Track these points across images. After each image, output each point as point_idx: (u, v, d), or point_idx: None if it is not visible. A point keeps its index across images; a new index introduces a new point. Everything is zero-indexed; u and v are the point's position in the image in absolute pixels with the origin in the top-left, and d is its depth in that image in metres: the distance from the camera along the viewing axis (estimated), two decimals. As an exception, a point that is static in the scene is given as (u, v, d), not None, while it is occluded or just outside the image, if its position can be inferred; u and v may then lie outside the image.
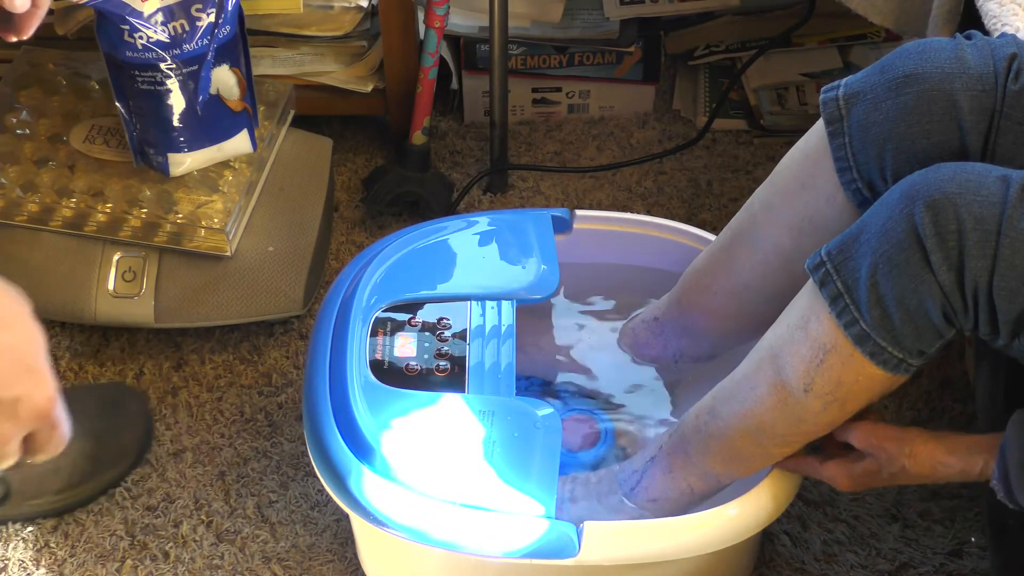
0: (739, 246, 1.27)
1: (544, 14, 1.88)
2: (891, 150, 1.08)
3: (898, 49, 1.11)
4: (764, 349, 1.11)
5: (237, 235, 1.55)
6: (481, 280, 1.32)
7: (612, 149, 1.92)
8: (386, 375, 1.22)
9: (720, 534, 1.17)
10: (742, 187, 1.84)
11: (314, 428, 1.19)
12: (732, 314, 1.29)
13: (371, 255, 1.35)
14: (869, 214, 1.01)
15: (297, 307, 1.59)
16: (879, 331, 1.00)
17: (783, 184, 1.21)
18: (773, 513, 1.19)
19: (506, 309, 1.29)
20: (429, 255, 1.35)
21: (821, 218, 1.16)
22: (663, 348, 1.38)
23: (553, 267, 1.34)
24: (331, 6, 1.73)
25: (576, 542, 1.13)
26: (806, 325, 1.05)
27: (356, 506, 1.16)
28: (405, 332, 1.26)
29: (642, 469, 1.24)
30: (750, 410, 1.12)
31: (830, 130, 1.12)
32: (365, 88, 1.80)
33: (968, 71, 1.05)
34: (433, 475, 1.15)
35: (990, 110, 1.05)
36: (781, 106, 1.94)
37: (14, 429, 0.82)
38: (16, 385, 0.81)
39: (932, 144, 1.06)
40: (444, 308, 1.29)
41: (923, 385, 1.55)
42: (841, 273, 1.01)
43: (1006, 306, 0.94)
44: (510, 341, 1.26)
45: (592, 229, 1.44)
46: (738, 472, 1.20)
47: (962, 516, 1.43)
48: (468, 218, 1.39)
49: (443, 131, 1.93)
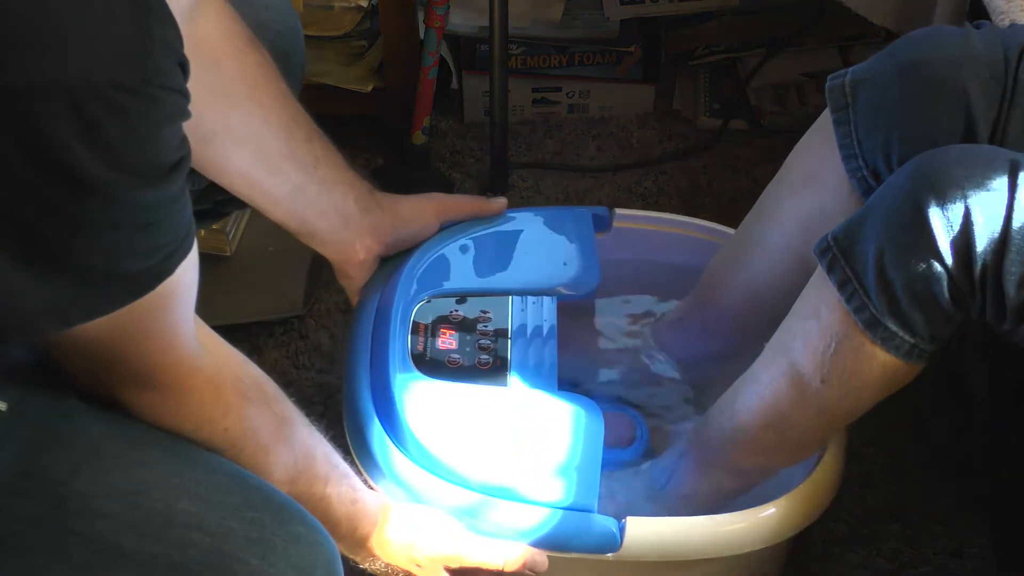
0: (752, 244, 1.26)
1: (544, 14, 1.88)
2: (897, 137, 1.06)
3: (905, 36, 1.09)
4: (778, 341, 1.11)
5: (237, 235, 1.55)
6: (522, 275, 1.32)
7: (612, 149, 1.92)
8: (428, 367, 1.22)
9: (763, 532, 1.16)
10: (742, 187, 1.84)
11: (355, 419, 1.19)
12: (750, 312, 1.28)
13: (411, 249, 1.35)
14: (875, 197, 1.00)
15: (297, 307, 1.59)
16: (889, 316, 0.98)
17: (790, 179, 1.21)
18: (815, 511, 1.18)
19: (547, 305, 1.29)
20: (470, 249, 1.35)
21: (828, 210, 1.14)
22: (688, 348, 1.38)
23: (594, 264, 1.34)
24: (331, 6, 1.73)
25: (618, 537, 1.13)
26: (816, 313, 1.04)
27: (396, 495, 1.16)
28: (447, 325, 1.27)
29: (671, 466, 1.24)
30: (769, 403, 1.11)
31: (836, 117, 1.11)
32: (365, 88, 1.80)
33: (977, 58, 1.04)
34: (475, 467, 1.15)
35: (999, 98, 1.03)
36: (781, 106, 1.94)
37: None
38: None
39: (939, 131, 1.04)
40: (486, 302, 1.29)
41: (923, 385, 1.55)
42: (848, 258, 1.00)
43: (1014, 291, 0.93)
44: (551, 337, 1.27)
45: (631, 228, 1.44)
46: (765, 464, 1.19)
47: (962, 516, 1.43)
48: (508, 214, 1.40)
49: (443, 131, 1.93)
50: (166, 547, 0.80)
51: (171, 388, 0.85)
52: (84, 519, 0.79)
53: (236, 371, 0.93)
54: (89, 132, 0.64)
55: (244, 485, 0.87)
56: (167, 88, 0.68)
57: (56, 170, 0.65)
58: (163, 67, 0.67)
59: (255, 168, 1.12)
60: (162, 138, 0.69)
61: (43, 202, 0.66)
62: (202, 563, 0.81)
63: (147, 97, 0.66)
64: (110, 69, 0.65)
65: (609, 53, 1.91)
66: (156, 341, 0.82)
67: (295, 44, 1.19)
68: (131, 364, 0.83)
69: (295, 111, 1.13)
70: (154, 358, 0.83)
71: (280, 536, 0.84)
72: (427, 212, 1.29)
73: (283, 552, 0.84)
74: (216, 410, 0.89)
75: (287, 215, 1.18)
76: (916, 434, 1.50)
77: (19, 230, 0.66)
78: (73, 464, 0.81)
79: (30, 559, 0.78)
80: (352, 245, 1.23)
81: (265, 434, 0.94)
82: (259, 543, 0.83)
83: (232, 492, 0.85)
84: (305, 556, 0.85)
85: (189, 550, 0.81)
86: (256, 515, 0.84)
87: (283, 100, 1.12)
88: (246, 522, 0.83)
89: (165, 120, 0.69)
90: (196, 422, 0.88)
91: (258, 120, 1.10)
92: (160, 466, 0.84)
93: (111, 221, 0.69)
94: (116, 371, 0.83)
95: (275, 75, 1.10)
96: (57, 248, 0.68)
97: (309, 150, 1.15)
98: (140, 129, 0.67)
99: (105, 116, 0.65)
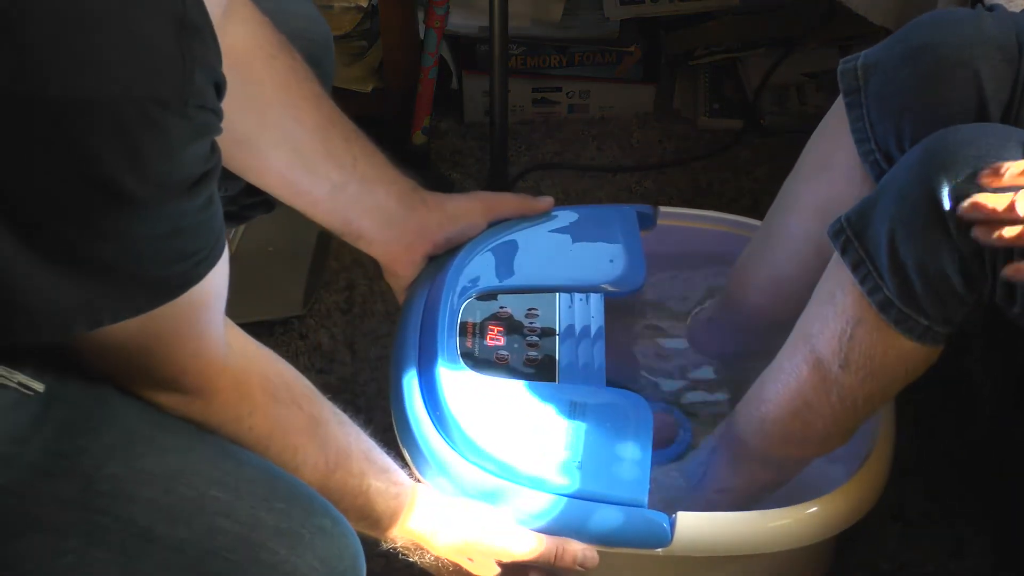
0: (773, 237, 1.26)
1: (544, 14, 1.88)
2: (909, 119, 1.06)
3: (917, 18, 1.09)
4: (799, 329, 1.10)
5: (237, 235, 1.55)
6: (569, 273, 1.33)
7: (612, 149, 1.92)
8: (476, 363, 1.22)
9: (812, 528, 1.17)
10: (742, 187, 1.84)
11: (403, 414, 1.19)
12: (777, 307, 1.28)
13: (457, 247, 1.35)
14: (887, 178, 0.99)
15: (297, 307, 1.59)
16: (902, 298, 0.98)
17: (806, 169, 1.21)
18: (864, 507, 1.18)
19: (594, 302, 1.30)
20: (516, 246, 1.35)
21: (843, 196, 1.13)
22: (722, 345, 1.39)
23: (639, 262, 1.34)
24: (331, 6, 1.73)
25: (669, 532, 1.13)
26: (833, 298, 1.04)
27: (447, 491, 1.16)
28: (495, 323, 1.27)
29: (705, 460, 1.24)
30: (794, 390, 1.11)
31: (848, 100, 1.11)
32: (365, 88, 1.80)
33: (989, 40, 1.03)
34: (525, 461, 1.15)
35: (1012, 81, 1.02)
36: (781, 106, 1.94)
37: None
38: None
39: (951, 113, 1.03)
40: (533, 299, 1.29)
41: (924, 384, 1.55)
42: (861, 239, 0.99)
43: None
44: (599, 334, 1.27)
45: (675, 226, 1.44)
46: (795, 454, 1.18)
47: (962, 516, 1.43)
48: (553, 212, 1.40)
49: (443, 131, 1.93)
50: (196, 533, 0.82)
51: (198, 390, 0.87)
52: (117, 503, 0.81)
53: (264, 370, 0.94)
54: (124, 145, 0.66)
55: (272, 477, 0.89)
56: (201, 107, 0.70)
57: (90, 180, 0.67)
58: (200, 86, 0.69)
59: (292, 169, 1.13)
60: (191, 153, 0.70)
61: (75, 208, 0.68)
62: (231, 550, 0.83)
63: (182, 115, 0.68)
64: (149, 86, 0.67)
65: (609, 53, 1.91)
66: (185, 346, 0.83)
67: (327, 52, 1.20)
68: (160, 368, 0.84)
69: (330, 111, 1.14)
70: (182, 363, 0.84)
71: (307, 528, 0.86)
72: (475, 211, 1.29)
73: (309, 543, 0.85)
74: (241, 408, 0.90)
75: (329, 215, 1.18)
76: (917, 433, 1.50)
77: (51, 232, 0.68)
78: (107, 448, 0.82)
79: (62, 540, 0.80)
80: (399, 243, 1.23)
81: (294, 433, 0.95)
82: (287, 534, 0.85)
83: (261, 483, 0.87)
84: (330, 548, 0.87)
85: (218, 536, 0.82)
86: (284, 506, 0.86)
87: (316, 101, 1.12)
88: (274, 512, 0.85)
89: (196, 137, 0.70)
90: (220, 420, 0.89)
91: (291, 121, 1.11)
92: (192, 453, 0.86)
93: (138, 229, 0.70)
94: (145, 374, 0.84)
95: (307, 77, 1.11)
96: (85, 252, 0.70)
97: (346, 149, 1.15)
98: (173, 145, 0.69)
99: (141, 131, 0.67)
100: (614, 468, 1.14)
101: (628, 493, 1.13)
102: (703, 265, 1.47)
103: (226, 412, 0.89)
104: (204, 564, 0.82)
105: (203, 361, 0.86)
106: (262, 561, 0.83)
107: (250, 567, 0.83)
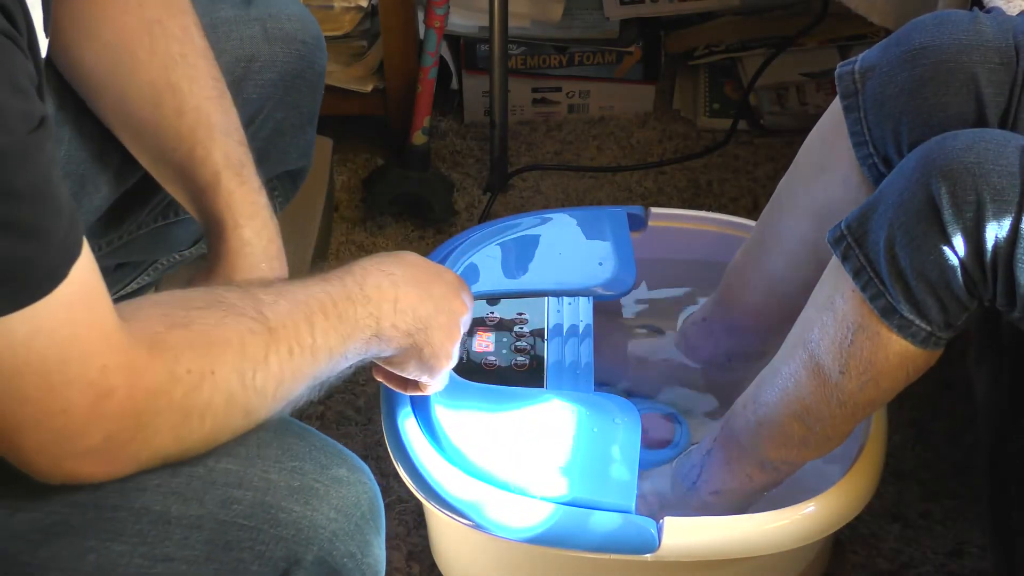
0: (768, 239, 1.26)
1: (544, 14, 1.88)
2: (907, 123, 1.05)
3: (914, 21, 1.09)
4: (796, 333, 1.10)
5: (237, 235, 1.55)
6: (558, 276, 1.33)
7: (612, 149, 1.92)
8: (464, 370, 1.22)
9: (802, 530, 1.17)
10: (742, 187, 1.84)
11: (392, 422, 1.19)
12: (771, 309, 1.28)
13: (446, 251, 1.35)
14: (886, 184, 0.99)
15: (297, 307, 1.59)
16: (904, 303, 0.97)
17: (802, 171, 1.20)
18: (853, 509, 1.18)
19: (583, 305, 1.29)
20: (505, 251, 1.35)
21: (840, 200, 1.13)
22: (714, 348, 1.38)
23: (630, 264, 1.34)
24: (331, 6, 1.73)
25: (656, 537, 1.13)
26: (832, 304, 1.04)
27: (436, 499, 1.16)
28: (483, 328, 1.27)
29: (700, 463, 1.23)
30: (792, 395, 1.11)
31: (845, 104, 1.10)
32: (365, 88, 1.80)
33: (986, 43, 1.03)
34: (512, 469, 1.15)
35: (1010, 84, 1.02)
36: (781, 106, 1.94)
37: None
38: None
39: (948, 117, 1.03)
40: (521, 304, 1.29)
41: (923, 385, 1.54)
42: (862, 246, 0.99)
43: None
44: (588, 337, 1.27)
45: (666, 227, 1.44)
46: (792, 457, 1.18)
47: (962, 516, 1.43)
48: (543, 215, 1.40)
49: (443, 131, 1.93)
50: (211, 507, 0.83)
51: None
52: (126, 495, 0.82)
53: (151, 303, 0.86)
54: None
55: (284, 436, 0.89)
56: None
57: None
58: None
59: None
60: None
61: None
62: (247, 516, 0.84)
63: None
64: None
65: (609, 53, 1.91)
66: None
67: (319, 53, 1.20)
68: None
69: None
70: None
71: (322, 481, 0.87)
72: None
73: (325, 496, 0.86)
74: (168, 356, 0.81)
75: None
76: (917, 434, 1.50)
77: None
78: None
79: (83, 540, 0.81)
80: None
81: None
82: (301, 491, 0.86)
83: (272, 445, 0.87)
84: (347, 497, 0.88)
85: (234, 506, 0.84)
86: (296, 464, 0.87)
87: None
88: (287, 472, 0.86)
89: None
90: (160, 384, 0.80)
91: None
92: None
93: None
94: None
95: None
96: None
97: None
98: None
99: None
100: (601, 473, 1.14)
101: (615, 498, 1.13)
102: (695, 266, 1.46)
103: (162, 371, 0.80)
104: (223, 535, 0.83)
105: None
106: (280, 521, 0.84)
107: (268, 529, 0.84)
